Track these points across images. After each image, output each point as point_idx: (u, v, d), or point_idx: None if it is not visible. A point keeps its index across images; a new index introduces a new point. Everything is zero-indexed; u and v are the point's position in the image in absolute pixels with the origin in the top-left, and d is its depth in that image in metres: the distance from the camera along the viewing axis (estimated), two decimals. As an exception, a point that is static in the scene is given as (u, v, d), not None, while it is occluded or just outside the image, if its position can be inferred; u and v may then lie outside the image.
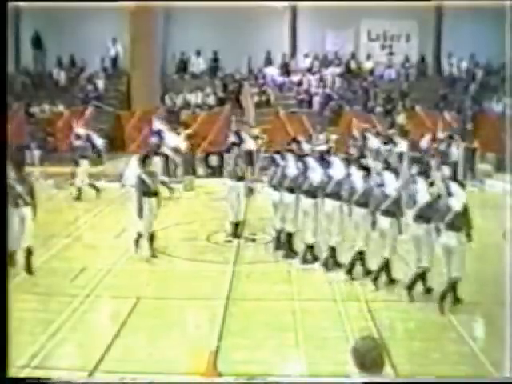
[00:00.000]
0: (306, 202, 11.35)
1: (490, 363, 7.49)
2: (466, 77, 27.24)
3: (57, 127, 23.14)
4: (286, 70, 27.51)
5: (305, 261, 11.36)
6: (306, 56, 27.82)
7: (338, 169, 11.15)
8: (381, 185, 10.26)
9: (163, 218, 14.42)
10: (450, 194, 9.22)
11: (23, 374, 7.16)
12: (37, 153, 21.58)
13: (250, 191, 15.23)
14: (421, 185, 9.87)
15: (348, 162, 11.54)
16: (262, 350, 8.01)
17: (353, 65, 27.68)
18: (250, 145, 18.86)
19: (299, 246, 11.77)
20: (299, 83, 26.96)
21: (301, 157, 12.19)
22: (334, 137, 21.02)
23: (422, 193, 9.75)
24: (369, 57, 27.83)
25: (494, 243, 11.18)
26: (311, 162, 11.58)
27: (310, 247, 11.41)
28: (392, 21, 27.32)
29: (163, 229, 14.24)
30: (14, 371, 6.52)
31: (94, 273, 10.91)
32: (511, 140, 16.71)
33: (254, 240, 13.36)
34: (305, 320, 8.89)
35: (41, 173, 19.30)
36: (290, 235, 11.89)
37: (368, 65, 27.76)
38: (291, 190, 11.75)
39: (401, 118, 23.47)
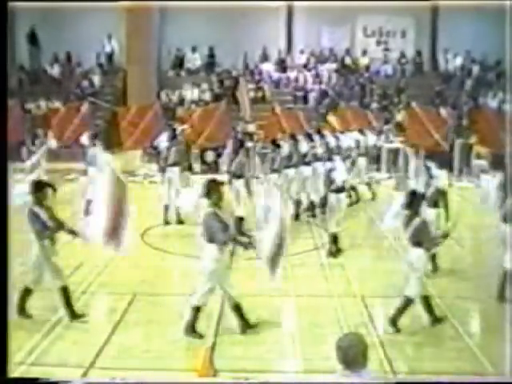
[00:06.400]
0: None
1: (487, 360, 7.53)
2: (461, 73, 27.27)
3: (52, 123, 23.07)
4: (282, 66, 27.51)
5: None
6: (302, 52, 27.82)
7: None
8: None
9: (158, 214, 14.48)
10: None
11: (19, 371, 7.16)
12: (32, 149, 21.52)
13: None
14: None
15: None
16: (258, 346, 8.01)
17: (348, 61, 27.69)
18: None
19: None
20: (295, 79, 26.97)
21: None
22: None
23: None
24: (365, 53, 27.84)
25: (490, 238, 11.25)
26: None
27: None
28: (388, 17, 27.31)
29: (159, 225, 14.29)
30: (10, 369, 6.51)
31: (89, 269, 10.90)
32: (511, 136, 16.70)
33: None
34: (301, 316, 8.90)
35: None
36: None
37: (364, 61, 27.77)
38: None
39: (400, 116, 23.44)
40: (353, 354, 4.54)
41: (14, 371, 6.87)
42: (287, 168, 14.56)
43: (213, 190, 8.18)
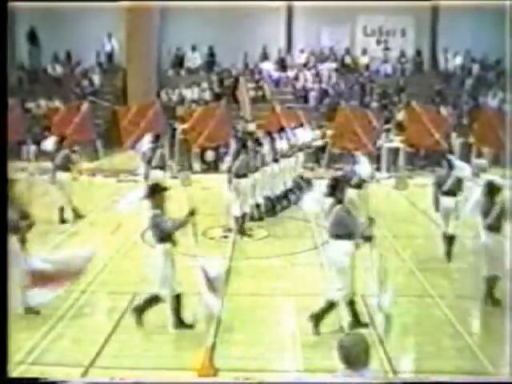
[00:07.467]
0: None
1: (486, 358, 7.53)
2: (461, 72, 27.25)
3: (52, 122, 23.06)
4: (281, 65, 27.51)
5: None
6: (302, 51, 27.81)
7: None
8: None
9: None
10: None
11: (19, 370, 7.16)
12: (32, 148, 21.55)
13: None
14: None
15: None
16: (258, 346, 8.01)
17: (348, 60, 27.69)
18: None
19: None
20: (295, 78, 26.97)
21: None
22: (330, 132, 21.01)
23: None
24: (364, 52, 27.83)
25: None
26: None
27: None
28: (388, 16, 27.30)
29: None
30: (10, 368, 6.51)
31: (89, 268, 10.87)
32: (511, 135, 16.70)
33: (250, 235, 13.37)
34: (301, 315, 8.89)
35: (36, 168, 19.24)
36: None
37: (364, 60, 27.76)
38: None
39: (401, 115, 23.40)
40: (355, 354, 4.55)
41: (14, 371, 6.88)
42: (265, 165, 14.62)
43: (339, 187, 8.42)
